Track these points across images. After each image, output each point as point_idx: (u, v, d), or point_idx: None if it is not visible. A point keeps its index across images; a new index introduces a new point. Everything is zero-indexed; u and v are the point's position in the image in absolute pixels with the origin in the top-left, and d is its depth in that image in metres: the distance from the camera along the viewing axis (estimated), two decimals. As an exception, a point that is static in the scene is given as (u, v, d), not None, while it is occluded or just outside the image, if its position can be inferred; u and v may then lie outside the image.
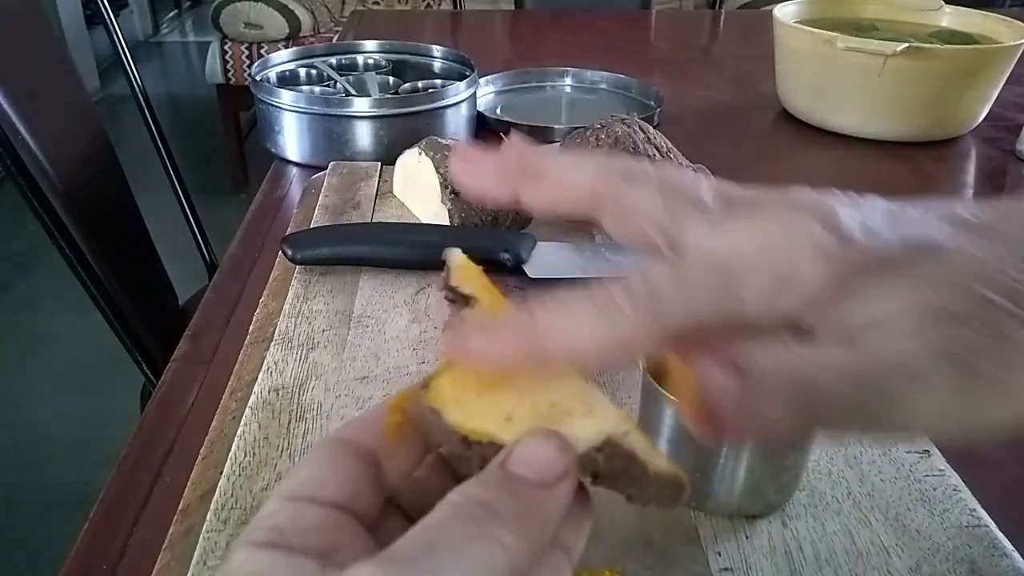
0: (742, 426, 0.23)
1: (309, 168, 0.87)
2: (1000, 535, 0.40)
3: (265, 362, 0.52)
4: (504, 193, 0.27)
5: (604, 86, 1.16)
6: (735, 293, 0.23)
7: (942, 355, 0.22)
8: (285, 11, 2.68)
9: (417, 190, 0.71)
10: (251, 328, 0.57)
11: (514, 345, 0.23)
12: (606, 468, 0.23)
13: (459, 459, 0.24)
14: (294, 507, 0.22)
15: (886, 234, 0.23)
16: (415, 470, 0.25)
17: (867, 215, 0.24)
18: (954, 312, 0.22)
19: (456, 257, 0.27)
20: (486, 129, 0.99)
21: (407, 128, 0.85)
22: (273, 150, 0.90)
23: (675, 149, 0.73)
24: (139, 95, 1.13)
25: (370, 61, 1.05)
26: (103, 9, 1.10)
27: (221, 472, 0.43)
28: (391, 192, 0.76)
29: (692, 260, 0.24)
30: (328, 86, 0.98)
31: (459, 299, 0.26)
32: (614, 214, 0.26)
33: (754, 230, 0.24)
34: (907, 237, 0.23)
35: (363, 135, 0.86)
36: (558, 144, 0.77)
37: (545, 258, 0.63)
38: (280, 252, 0.63)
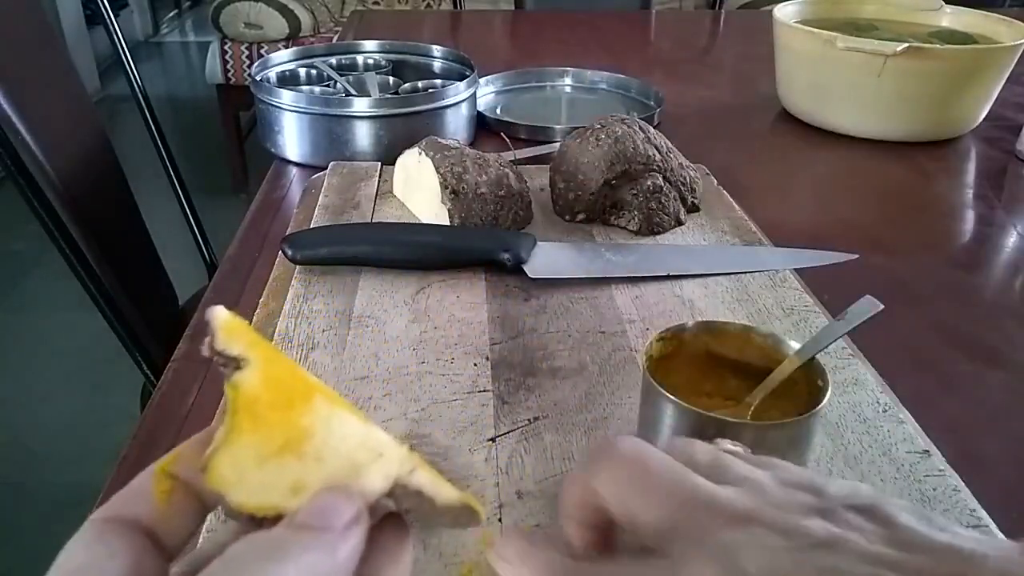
0: None
1: (309, 168, 0.87)
2: (1000, 535, 0.40)
3: (265, 362, 0.52)
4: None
5: (604, 86, 1.16)
6: None
7: None
8: (285, 11, 2.68)
9: (417, 190, 0.71)
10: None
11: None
12: (400, 506, 0.23)
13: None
14: None
15: None
16: (196, 529, 0.25)
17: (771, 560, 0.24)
18: None
19: (218, 316, 0.24)
20: (486, 129, 0.99)
21: (407, 128, 0.85)
22: (273, 150, 0.91)
23: (675, 149, 0.73)
24: (139, 95, 1.13)
25: (370, 61, 1.06)
26: (103, 9, 1.10)
27: (221, 472, 0.43)
28: (391, 192, 0.76)
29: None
30: (328, 86, 0.98)
31: (229, 362, 0.24)
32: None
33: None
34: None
35: (363, 135, 0.86)
36: (557, 143, 0.77)
37: (545, 258, 0.63)
38: (280, 252, 0.63)
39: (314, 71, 1.01)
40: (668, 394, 0.40)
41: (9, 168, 0.82)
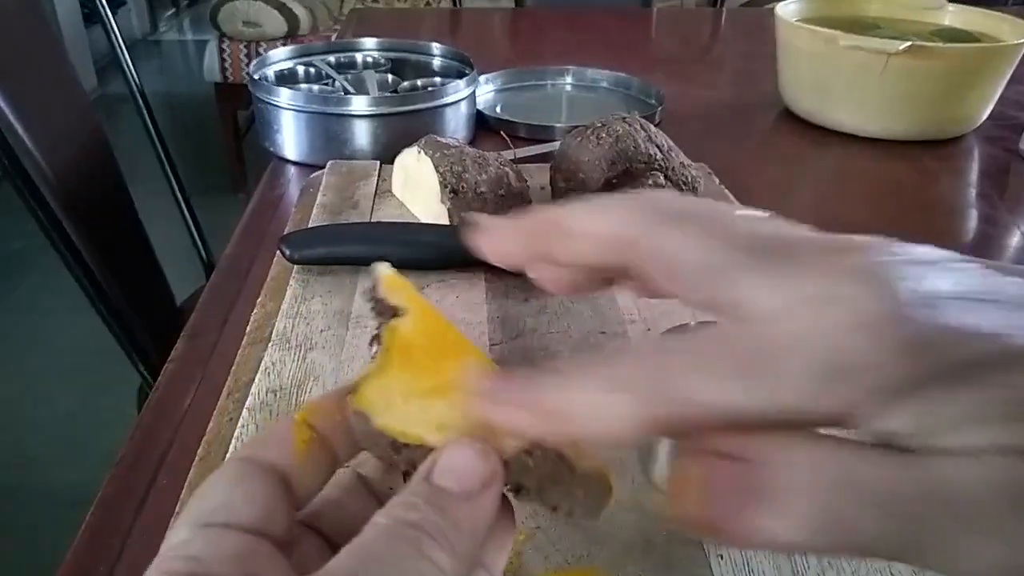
0: (741, 533, 0.18)
1: (307, 167, 0.87)
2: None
3: (262, 362, 0.51)
4: (531, 255, 0.25)
5: (605, 84, 1.15)
6: (772, 380, 0.18)
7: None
8: (283, 9, 2.68)
9: (416, 189, 0.71)
10: (248, 328, 0.57)
11: (520, 416, 0.21)
12: (535, 471, 0.22)
13: (386, 466, 0.24)
14: (209, 535, 0.21)
15: (983, 321, 0.17)
16: (323, 487, 0.25)
17: (960, 281, 0.18)
18: None
19: (383, 269, 0.27)
20: (486, 128, 0.99)
21: (406, 127, 0.84)
22: (271, 149, 0.90)
23: (676, 148, 0.73)
24: (137, 94, 1.12)
25: (369, 59, 1.05)
26: (101, 7, 1.09)
27: (218, 474, 0.43)
28: (390, 191, 0.76)
29: (734, 332, 0.19)
30: (327, 84, 0.97)
31: (386, 310, 0.26)
32: (650, 260, 0.22)
33: (803, 295, 0.19)
34: (1010, 329, 0.17)
35: (362, 134, 0.85)
36: (557, 142, 0.77)
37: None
38: (278, 252, 0.63)
39: (313, 69, 1.01)
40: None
41: (6, 167, 0.81)
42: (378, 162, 0.81)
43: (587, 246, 0.23)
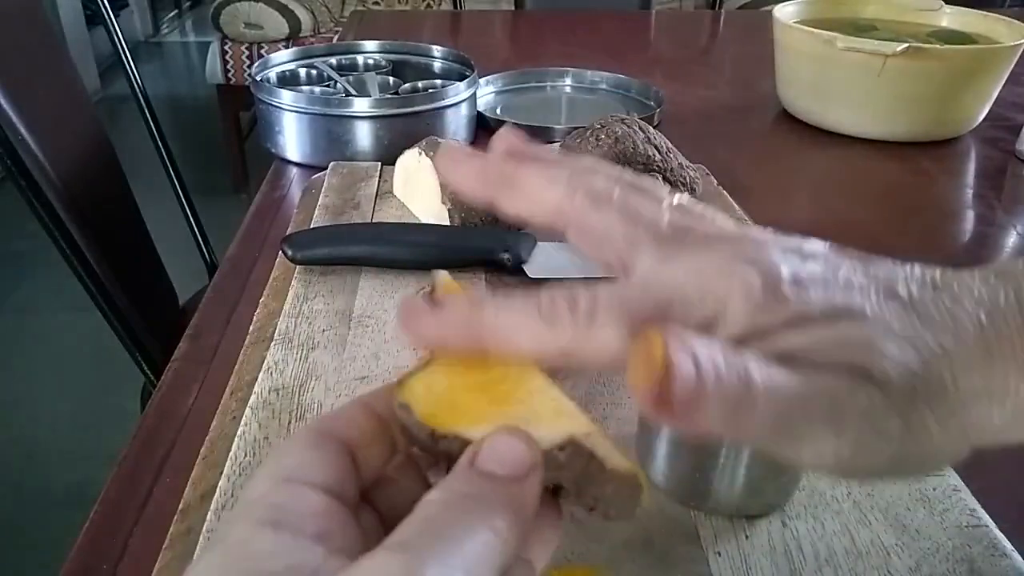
0: (702, 420, 0.22)
1: (309, 168, 0.87)
2: (1000, 535, 0.40)
3: (265, 362, 0.52)
4: (483, 197, 0.29)
5: (604, 86, 1.16)
6: (665, 320, 0.24)
7: (839, 407, 0.23)
8: (285, 11, 2.68)
9: (417, 190, 0.71)
10: (251, 328, 0.57)
11: (457, 332, 0.25)
12: (567, 466, 0.23)
13: (427, 456, 0.25)
14: (291, 489, 0.22)
15: (815, 293, 0.24)
16: (388, 463, 0.26)
17: (806, 268, 0.25)
18: (864, 371, 0.23)
19: (441, 275, 0.30)
20: (486, 129, 0.99)
21: (407, 128, 0.85)
22: (273, 150, 0.91)
23: (675, 149, 0.73)
24: (139, 95, 1.13)
25: (370, 61, 1.05)
26: (103, 9, 1.10)
27: (221, 472, 0.43)
28: (391, 192, 0.76)
29: (634, 283, 0.26)
30: (328, 86, 0.98)
31: None
32: (578, 234, 0.28)
33: (696, 267, 0.25)
34: (832, 300, 0.24)
35: (363, 135, 0.86)
36: (557, 144, 0.77)
37: (545, 258, 0.63)
38: (280, 252, 0.63)
39: (314, 71, 1.01)
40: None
41: (9, 168, 0.82)
42: (379, 163, 0.82)
43: (528, 207, 0.28)
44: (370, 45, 1.07)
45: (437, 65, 1.06)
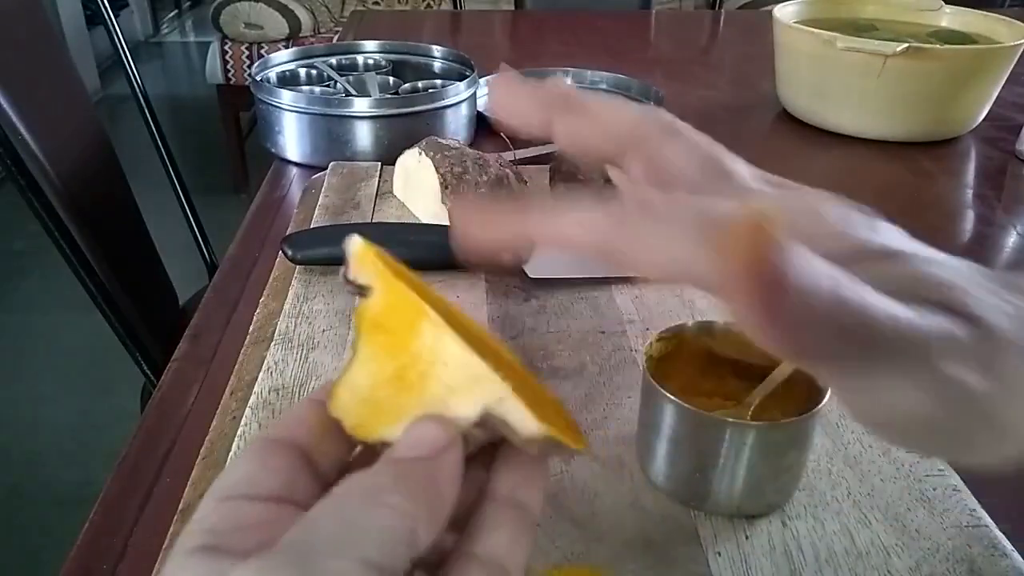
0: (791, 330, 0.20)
1: (309, 168, 0.87)
2: (1000, 535, 0.40)
3: (265, 362, 0.52)
4: (539, 121, 0.28)
5: (604, 86, 1.16)
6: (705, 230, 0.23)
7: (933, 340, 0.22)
8: (285, 11, 2.68)
9: (417, 190, 0.71)
10: (251, 328, 0.57)
11: (505, 230, 0.24)
12: (487, 440, 0.23)
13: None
14: (227, 506, 0.22)
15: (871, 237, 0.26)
16: (349, 455, 0.26)
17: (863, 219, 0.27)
18: (963, 310, 0.23)
19: (352, 244, 0.25)
20: (486, 129, 0.99)
21: (407, 128, 0.85)
22: (273, 150, 0.91)
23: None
24: (139, 95, 1.13)
25: (370, 61, 1.05)
26: (103, 9, 1.10)
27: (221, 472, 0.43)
28: (391, 192, 0.76)
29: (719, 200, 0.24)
30: (328, 86, 0.98)
31: (358, 291, 0.25)
32: (645, 162, 0.27)
33: (781, 203, 0.26)
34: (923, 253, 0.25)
35: (363, 135, 0.86)
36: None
37: (545, 258, 0.63)
38: (280, 252, 0.63)
39: (314, 71, 1.01)
40: (668, 394, 0.40)
41: (9, 168, 0.82)
42: (379, 163, 0.82)
43: (592, 130, 0.28)
44: (370, 45, 1.07)
45: (437, 65, 1.06)
